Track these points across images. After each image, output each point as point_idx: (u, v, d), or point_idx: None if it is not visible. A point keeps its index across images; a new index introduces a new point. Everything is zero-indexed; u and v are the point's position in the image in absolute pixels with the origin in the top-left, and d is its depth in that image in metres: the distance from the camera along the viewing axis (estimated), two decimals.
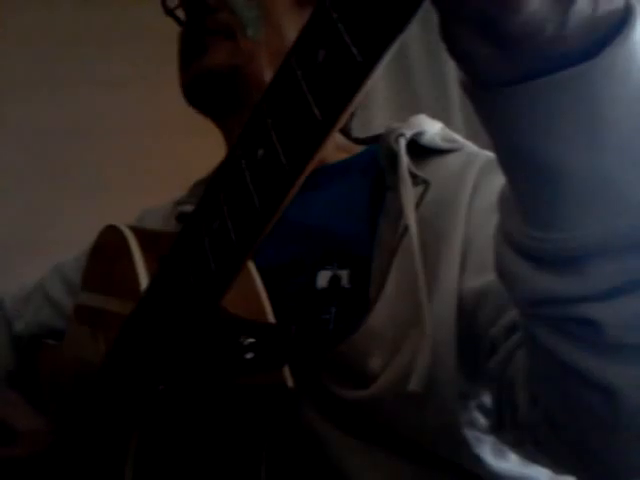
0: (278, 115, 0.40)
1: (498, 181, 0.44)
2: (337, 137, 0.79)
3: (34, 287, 0.91)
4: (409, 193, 0.63)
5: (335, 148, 0.76)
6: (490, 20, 0.34)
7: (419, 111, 0.79)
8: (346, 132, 0.83)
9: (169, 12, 0.76)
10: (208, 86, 0.74)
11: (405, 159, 0.66)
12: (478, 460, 0.61)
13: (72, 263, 0.89)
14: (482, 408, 0.61)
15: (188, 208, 0.78)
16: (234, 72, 0.72)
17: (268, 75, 0.71)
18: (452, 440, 0.60)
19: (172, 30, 0.78)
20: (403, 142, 0.68)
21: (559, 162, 0.37)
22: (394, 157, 0.67)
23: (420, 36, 1.67)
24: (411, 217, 0.61)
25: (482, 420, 0.61)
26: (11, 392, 0.80)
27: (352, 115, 0.87)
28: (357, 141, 0.81)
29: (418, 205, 0.64)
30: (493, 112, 0.38)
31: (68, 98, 1.76)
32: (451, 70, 1.67)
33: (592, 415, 0.44)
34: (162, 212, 0.86)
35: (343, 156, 0.76)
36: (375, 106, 1.65)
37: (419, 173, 0.65)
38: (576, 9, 0.34)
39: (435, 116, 0.76)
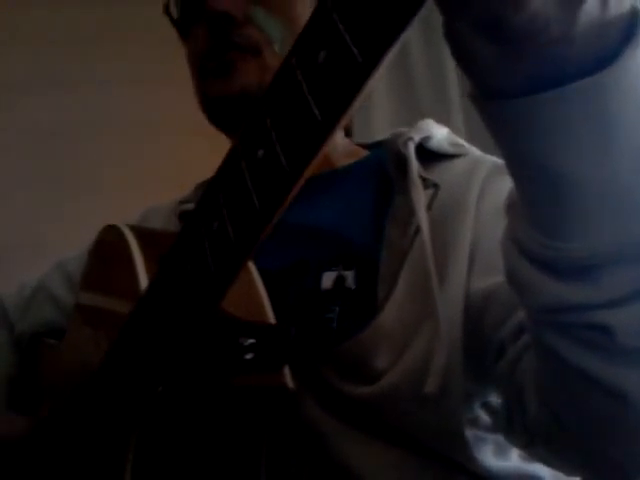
0: (278, 116, 0.40)
1: (504, 185, 0.44)
2: (344, 142, 0.79)
3: (36, 285, 0.91)
4: (420, 196, 0.64)
5: (342, 153, 0.76)
6: (494, 18, 0.33)
7: (419, 111, 0.79)
8: (349, 137, 0.83)
9: (173, 21, 0.74)
10: (236, 107, 0.70)
11: (415, 163, 0.66)
12: (478, 460, 0.61)
13: (74, 260, 0.89)
14: (487, 406, 0.61)
15: (191, 207, 0.78)
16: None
17: None
18: (453, 439, 0.60)
19: (172, 30, 0.77)
20: (412, 146, 0.68)
21: (570, 172, 0.37)
22: (402, 161, 0.68)
23: (420, 36, 1.67)
24: (423, 218, 0.62)
25: (486, 419, 0.61)
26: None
27: (353, 120, 0.86)
28: (362, 146, 0.81)
29: (428, 208, 0.64)
30: (502, 123, 0.38)
31: (68, 98, 1.76)
32: (451, 70, 1.67)
33: (602, 418, 0.44)
34: (165, 211, 0.85)
35: (350, 161, 0.76)
36: (375, 106, 1.65)
37: (428, 177, 0.65)
38: (584, 10, 0.33)
39: (435, 116, 0.76)
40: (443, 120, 0.76)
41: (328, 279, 0.65)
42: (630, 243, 0.38)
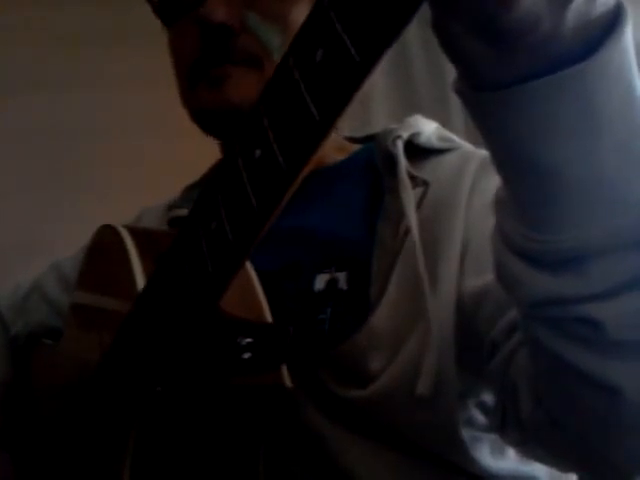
0: (275, 115, 0.40)
1: (495, 179, 0.44)
2: (333, 137, 0.78)
3: (31, 286, 0.91)
4: (409, 196, 0.63)
5: (331, 148, 0.75)
6: (486, 16, 0.34)
7: (418, 110, 0.79)
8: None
9: (154, 6, 0.69)
10: (231, 119, 0.66)
11: (403, 162, 0.66)
12: (475, 460, 0.61)
13: (69, 262, 0.89)
14: (482, 406, 0.61)
15: (180, 212, 0.77)
16: None
17: None
18: (449, 439, 0.60)
19: None
20: (400, 144, 0.67)
21: (556, 163, 0.37)
22: (391, 159, 0.67)
23: (420, 35, 1.67)
24: (412, 220, 0.61)
25: (481, 418, 0.61)
26: None
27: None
28: (352, 140, 0.80)
29: (418, 206, 0.63)
30: (489, 115, 0.38)
31: (68, 98, 1.77)
32: (451, 70, 1.67)
33: (595, 414, 0.44)
34: (157, 212, 0.85)
35: (339, 156, 0.75)
36: (374, 105, 1.65)
37: (418, 174, 0.65)
38: (573, 8, 0.34)
39: (435, 116, 0.75)
40: (443, 120, 0.76)
41: (321, 281, 0.65)
42: (616, 234, 0.38)
